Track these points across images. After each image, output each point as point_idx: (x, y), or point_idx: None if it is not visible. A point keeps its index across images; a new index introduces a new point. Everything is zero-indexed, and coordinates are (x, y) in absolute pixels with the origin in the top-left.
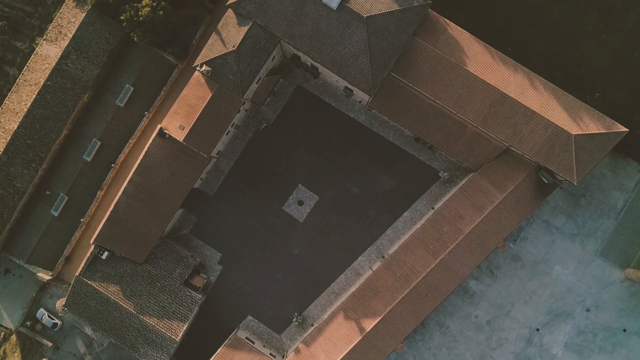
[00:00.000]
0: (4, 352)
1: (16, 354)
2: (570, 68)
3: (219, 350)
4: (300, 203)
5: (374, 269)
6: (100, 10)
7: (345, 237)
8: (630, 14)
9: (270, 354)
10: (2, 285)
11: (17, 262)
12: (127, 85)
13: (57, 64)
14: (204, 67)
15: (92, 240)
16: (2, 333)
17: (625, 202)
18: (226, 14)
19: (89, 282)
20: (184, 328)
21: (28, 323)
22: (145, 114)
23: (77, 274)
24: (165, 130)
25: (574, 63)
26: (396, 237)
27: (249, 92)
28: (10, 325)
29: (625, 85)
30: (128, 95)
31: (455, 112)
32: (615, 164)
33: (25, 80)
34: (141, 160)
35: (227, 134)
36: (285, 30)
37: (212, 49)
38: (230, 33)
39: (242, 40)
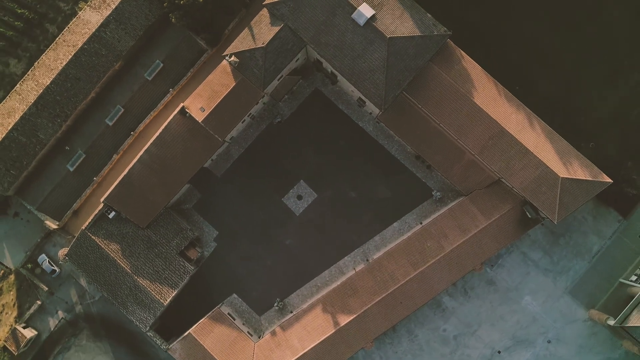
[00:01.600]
0: (0, 289)
1: (12, 293)
2: (571, 114)
3: (201, 320)
4: (300, 198)
5: (356, 270)
6: None
7: (335, 236)
8: (635, 75)
9: (248, 332)
10: (10, 227)
11: (28, 207)
12: (157, 61)
13: (96, 30)
14: (232, 58)
15: (102, 199)
16: (2, 271)
17: (600, 248)
18: (261, 12)
19: (92, 237)
20: (173, 294)
21: (29, 266)
22: (169, 91)
23: (83, 227)
24: (186, 109)
25: (574, 110)
26: (383, 244)
27: (269, 87)
28: (11, 265)
29: (619, 139)
30: (157, 70)
31: (456, 138)
32: (597, 210)
33: (64, 41)
34: (160, 133)
35: (242, 122)
36: (313, 36)
37: (242, 42)
38: (261, 30)
39: (271, 39)
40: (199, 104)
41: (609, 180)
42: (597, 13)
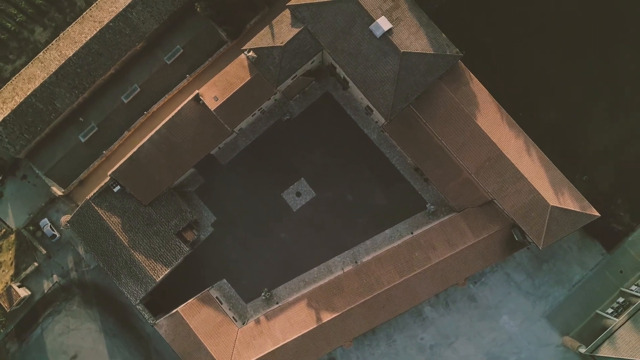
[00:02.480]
0: (0, 247)
1: (11, 252)
2: (569, 145)
3: (190, 300)
4: (298, 195)
5: (344, 271)
6: None
7: (328, 236)
8: (636, 114)
9: (233, 317)
10: (16, 188)
11: (37, 171)
12: (178, 46)
13: (123, 10)
14: (250, 53)
15: (109, 173)
16: (4, 230)
17: (581, 278)
18: (283, 12)
19: (95, 207)
20: (166, 272)
21: (30, 228)
22: (186, 77)
23: (87, 197)
24: (201, 97)
25: (573, 142)
26: (373, 248)
27: (282, 85)
28: (13, 225)
29: (612, 175)
30: (176, 55)
31: (455, 156)
32: (582, 242)
33: (91, 16)
34: (173, 116)
35: (252, 116)
36: (330, 42)
37: (262, 39)
38: (282, 30)
39: (290, 39)
40: (213, 93)
41: (597, 214)
42: (608, 51)
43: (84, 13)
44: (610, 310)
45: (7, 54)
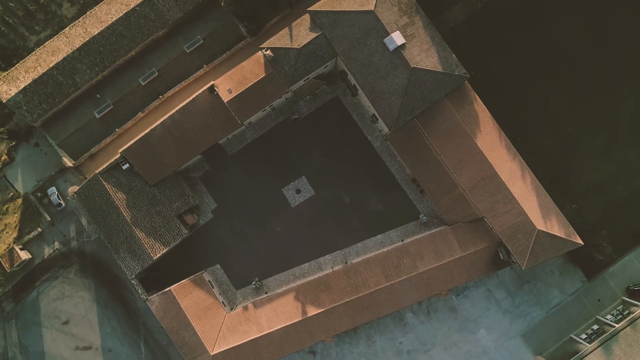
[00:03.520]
0: (6, 209)
1: (16, 215)
2: (562, 175)
3: (183, 280)
4: (298, 192)
5: (334, 269)
6: None
7: (322, 234)
8: (629, 151)
9: (223, 301)
10: (28, 155)
11: (50, 141)
12: (198, 36)
13: None
14: (268, 51)
15: (120, 150)
16: (11, 193)
17: (560, 302)
18: (303, 16)
19: (103, 182)
20: (163, 251)
21: (38, 194)
22: (203, 66)
23: (97, 171)
24: (215, 88)
25: (567, 171)
26: (363, 251)
27: (295, 85)
28: (21, 190)
29: (601, 208)
30: (196, 45)
31: (452, 172)
32: (565, 267)
33: None
34: (186, 104)
35: (262, 111)
36: (345, 50)
37: (280, 39)
38: (300, 33)
39: (307, 43)
40: (227, 85)
41: (581, 242)
42: (608, 88)
43: None
44: (584, 336)
45: (34, 25)
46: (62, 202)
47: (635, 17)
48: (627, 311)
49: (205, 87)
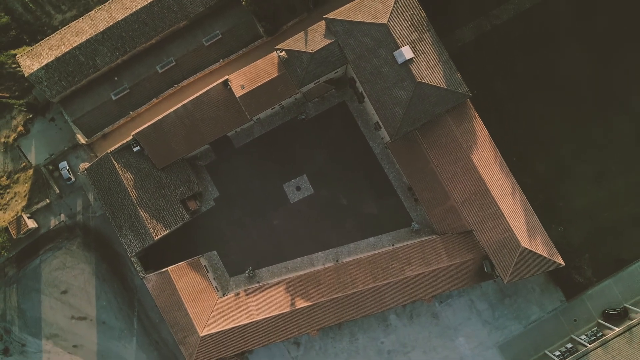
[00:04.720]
0: (17, 179)
1: (26, 185)
2: (552, 197)
3: (180, 263)
4: (298, 189)
5: (325, 266)
6: None
7: (316, 232)
8: (619, 180)
9: (216, 287)
10: (44, 128)
11: (66, 117)
12: (217, 31)
13: None
14: (282, 52)
15: (132, 133)
16: (24, 164)
17: (538, 318)
18: (319, 22)
19: (114, 161)
20: (164, 233)
21: (50, 167)
22: (219, 61)
23: (108, 151)
24: (229, 82)
25: (556, 195)
26: (355, 252)
27: (305, 87)
28: (33, 161)
29: (585, 233)
30: (214, 39)
31: (446, 184)
32: (546, 285)
33: None
34: (200, 95)
35: (272, 109)
36: (356, 58)
37: (295, 42)
38: (314, 38)
39: (320, 48)
40: (241, 81)
41: (562, 263)
42: (606, 120)
43: None
44: (557, 353)
45: (60, 4)
46: (72, 176)
47: (635, 53)
48: (600, 333)
49: (219, 81)
